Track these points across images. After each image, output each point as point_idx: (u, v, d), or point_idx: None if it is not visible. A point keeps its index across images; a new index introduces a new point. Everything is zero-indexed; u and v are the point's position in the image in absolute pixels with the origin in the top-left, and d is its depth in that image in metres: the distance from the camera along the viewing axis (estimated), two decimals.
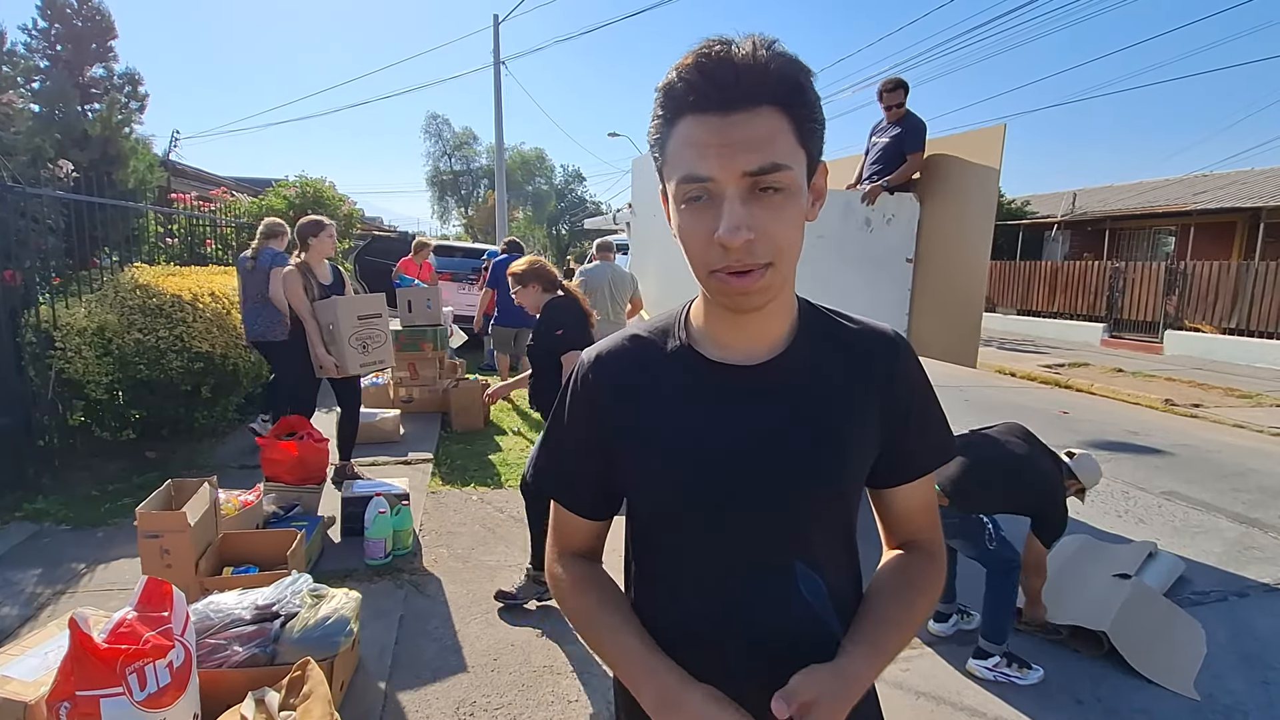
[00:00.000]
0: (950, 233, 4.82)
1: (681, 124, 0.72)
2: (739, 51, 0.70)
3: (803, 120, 0.73)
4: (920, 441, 0.90)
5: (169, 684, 1.83)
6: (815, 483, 0.83)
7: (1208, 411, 7.75)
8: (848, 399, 0.85)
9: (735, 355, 0.84)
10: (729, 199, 0.70)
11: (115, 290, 4.60)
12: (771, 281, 0.74)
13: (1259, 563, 3.86)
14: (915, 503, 0.92)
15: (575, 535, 0.96)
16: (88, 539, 3.54)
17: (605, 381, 0.88)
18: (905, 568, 0.91)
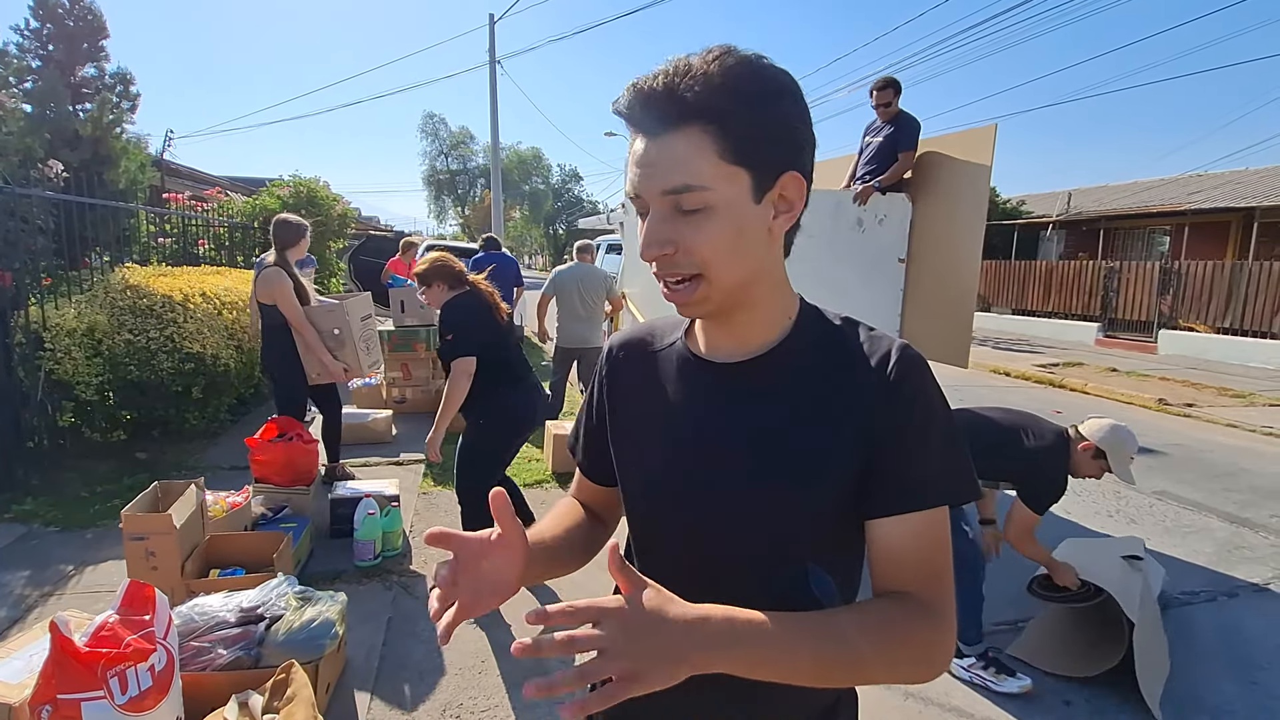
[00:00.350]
0: (942, 233, 4.82)
1: (631, 144, 0.77)
2: (670, 71, 0.72)
3: (734, 136, 0.71)
4: (906, 470, 0.77)
5: (150, 687, 1.83)
6: (769, 490, 0.79)
7: (1201, 411, 7.77)
8: (816, 409, 0.79)
9: (720, 354, 0.86)
10: (651, 215, 0.75)
11: (105, 291, 4.59)
12: (707, 293, 0.76)
13: (1249, 563, 3.87)
14: (901, 544, 0.76)
15: (580, 487, 1.05)
16: (76, 540, 3.52)
17: (612, 365, 0.96)
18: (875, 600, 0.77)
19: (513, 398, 3.18)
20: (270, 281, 4.00)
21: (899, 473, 0.77)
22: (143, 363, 4.59)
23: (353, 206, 14.62)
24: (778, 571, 0.81)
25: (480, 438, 3.20)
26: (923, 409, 0.78)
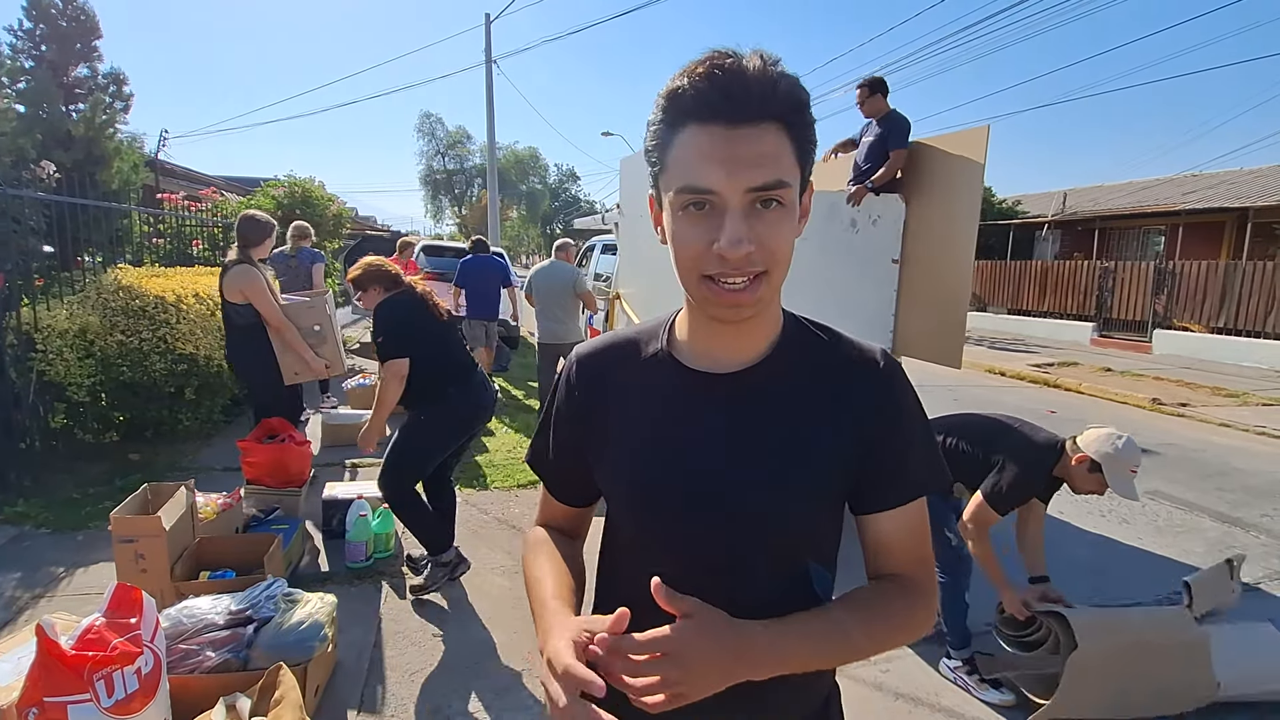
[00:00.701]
0: (935, 234, 4.83)
1: (686, 132, 0.72)
2: (750, 65, 0.71)
3: (802, 140, 0.74)
4: (898, 468, 0.85)
5: (137, 690, 1.82)
6: (770, 498, 0.82)
7: (1194, 410, 7.79)
8: (818, 413, 0.83)
9: (712, 364, 0.84)
10: (731, 212, 0.71)
11: (98, 292, 4.58)
12: (764, 293, 0.75)
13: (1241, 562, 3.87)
14: (893, 534, 0.85)
15: (550, 511, 1.01)
16: (67, 542, 3.52)
17: (584, 378, 0.92)
18: (872, 590, 0.85)
19: (455, 396, 3.15)
20: (241, 279, 3.85)
21: (893, 471, 0.85)
22: (135, 364, 4.58)
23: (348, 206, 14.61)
24: (784, 569, 0.85)
25: (416, 433, 3.15)
26: (908, 411, 0.86)
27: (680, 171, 0.72)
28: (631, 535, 0.90)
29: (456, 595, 3.23)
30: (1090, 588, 3.58)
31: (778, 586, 0.84)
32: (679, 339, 0.88)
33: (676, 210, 0.74)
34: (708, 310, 0.78)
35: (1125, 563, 3.88)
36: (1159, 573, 3.76)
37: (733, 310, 0.76)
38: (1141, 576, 3.71)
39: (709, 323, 0.82)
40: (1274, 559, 3.94)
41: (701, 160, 0.70)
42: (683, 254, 0.75)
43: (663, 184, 0.76)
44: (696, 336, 0.85)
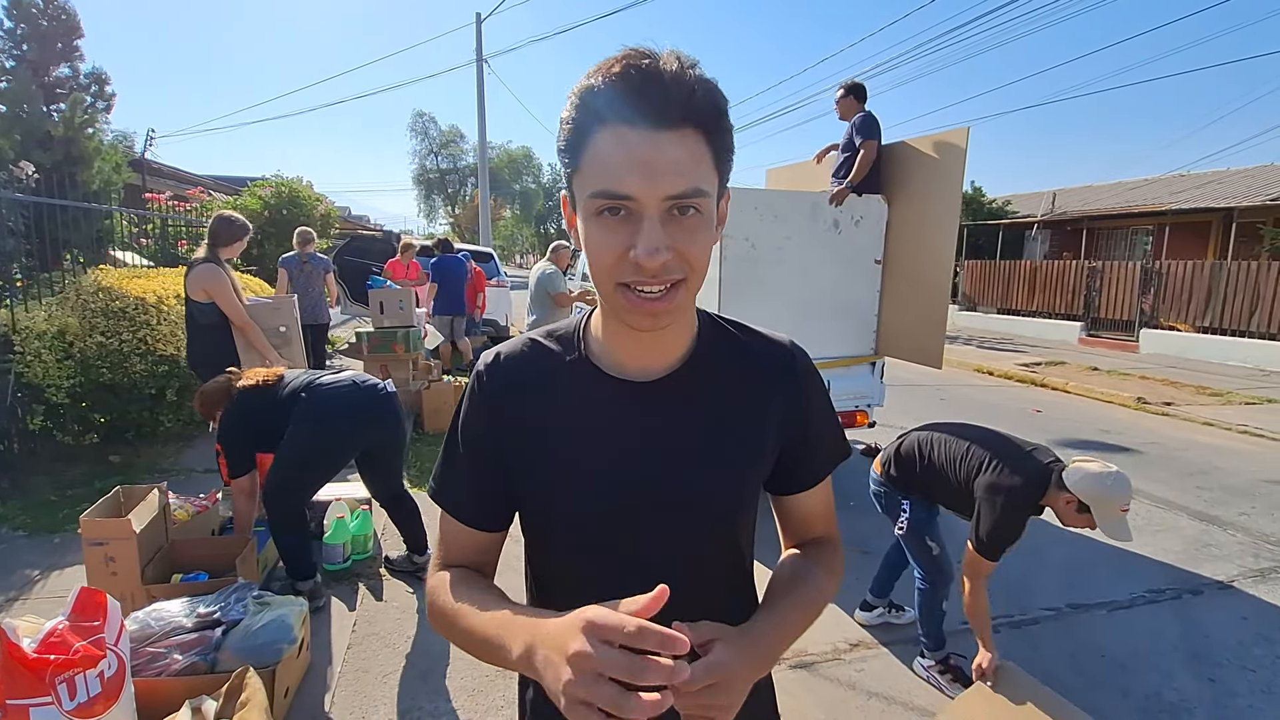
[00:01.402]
0: (916, 234, 4.86)
1: (602, 134, 0.69)
2: (667, 68, 0.68)
3: (720, 147, 0.73)
4: (819, 449, 0.93)
5: (99, 694, 1.82)
6: (708, 498, 0.84)
7: (1179, 410, 7.84)
8: (745, 410, 0.86)
9: (630, 371, 0.84)
10: (649, 219, 0.69)
11: (77, 293, 4.56)
12: (681, 301, 0.74)
13: (1215, 560, 3.91)
14: (815, 505, 0.95)
15: (460, 547, 0.89)
16: (43, 545, 3.50)
17: (498, 389, 0.86)
18: (807, 553, 0.94)
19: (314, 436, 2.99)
20: (205, 278, 3.76)
21: (813, 453, 0.92)
22: (115, 365, 4.56)
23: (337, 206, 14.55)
24: (728, 560, 0.89)
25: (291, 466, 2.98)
26: (818, 397, 0.93)
27: (596, 175, 0.69)
28: (571, 551, 0.87)
29: None
30: (1064, 585, 3.61)
31: (724, 577, 0.89)
32: (595, 345, 0.86)
33: (591, 214, 0.71)
34: (624, 319, 0.76)
35: (1101, 561, 3.90)
36: (1134, 571, 3.78)
37: (650, 319, 0.74)
38: (1116, 576, 3.73)
39: (626, 333, 0.81)
40: (1249, 557, 3.97)
41: (618, 165, 0.68)
42: (598, 261, 0.72)
43: (577, 185, 0.73)
44: (615, 343, 0.84)
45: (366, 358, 6.49)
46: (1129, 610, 3.39)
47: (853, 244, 4.98)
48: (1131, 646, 3.06)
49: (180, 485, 4.20)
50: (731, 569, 0.91)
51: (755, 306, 4.74)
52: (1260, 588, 3.61)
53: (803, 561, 0.91)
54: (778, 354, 0.90)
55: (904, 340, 5.04)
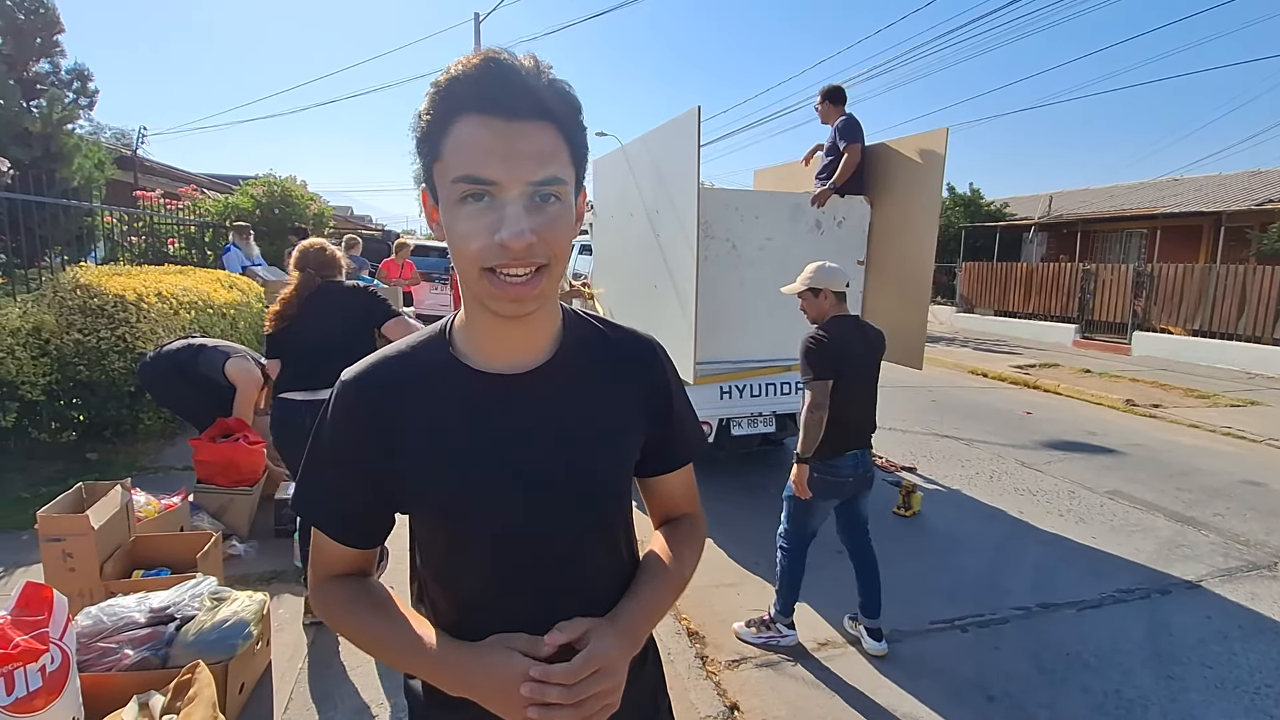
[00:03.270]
0: (897, 235, 4.86)
1: (463, 123, 0.71)
2: (523, 64, 0.73)
3: (576, 144, 0.77)
4: (680, 435, 1.00)
5: (40, 688, 1.82)
6: (594, 481, 0.88)
7: (1166, 412, 7.83)
8: (613, 400, 0.91)
9: (502, 365, 0.84)
10: (512, 203, 0.71)
11: (54, 290, 4.56)
12: (545, 286, 0.76)
13: (1186, 560, 3.91)
14: (678, 487, 1.03)
15: (337, 561, 0.91)
16: (11, 542, 3.50)
17: (360, 403, 0.84)
18: (672, 533, 1.02)
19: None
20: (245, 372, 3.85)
21: (676, 437, 0.99)
22: (93, 362, 4.56)
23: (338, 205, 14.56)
24: (608, 543, 0.93)
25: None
26: (678, 385, 1.00)
27: (458, 161, 0.72)
28: (448, 548, 0.87)
29: (401, 595, 3.22)
30: (1035, 585, 3.61)
31: (604, 560, 0.92)
32: (462, 344, 0.86)
33: (454, 200, 0.73)
34: (491, 305, 0.77)
35: (1073, 561, 3.90)
36: (1106, 572, 3.78)
37: (515, 305, 0.75)
38: (1088, 575, 3.73)
39: (493, 322, 0.81)
40: (1218, 557, 3.96)
41: (481, 151, 0.70)
42: (463, 247, 0.73)
43: (438, 173, 0.75)
44: (482, 339, 0.84)
45: None
46: (1098, 609, 3.39)
47: (835, 245, 4.97)
48: (1096, 645, 3.06)
49: (158, 483, 4.19)
50: (614, 549, 0.94)
51: (736, 307, 4.74)
52: (1225, 587, 3.62)
53: (666, 543, 1.00)
54: (640, 345, 0.97)
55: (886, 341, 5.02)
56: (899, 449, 6.08)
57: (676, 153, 4.17)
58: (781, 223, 4.80)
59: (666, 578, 0.95)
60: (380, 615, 0.87)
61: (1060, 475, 5.52)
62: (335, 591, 0.90)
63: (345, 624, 0.88)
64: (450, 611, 0.89)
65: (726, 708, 2.63)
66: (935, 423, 7.17)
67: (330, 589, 0.90)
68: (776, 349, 4.83)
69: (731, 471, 5.30)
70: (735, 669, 2.90)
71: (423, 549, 0.92)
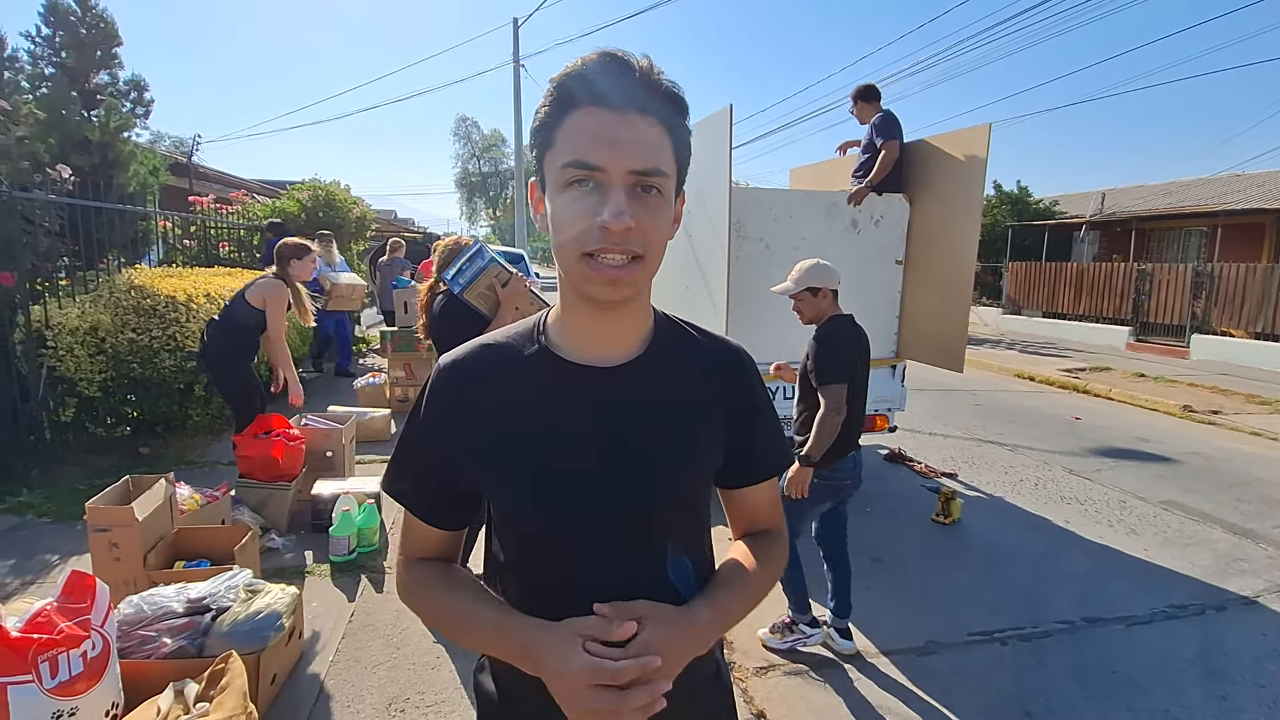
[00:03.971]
0: (937, 234, 4.73)
1: (577, 113, 0.76)
2: (638, 64, 0.77)
3: (680, 144, 0.80)
4: (764, 449, 0.99)
5: (81, 673, 1.89)
6: (669, 478, 0.88)
7: (1226, 419, 7.47)
8: (698, 402, 0.92)
9: (594, 357, 0.87)
10: (615, 188, 0.74)
11: (110, 291, 4.75)
12: (639, 276, 0.79)
13: (1243, 575, 3.71)
14: (761, 501, 1.02)
15: (425, 544, 0.95)
16: (66, 532, 3.65)
17: (453, 388, 0.89)
18: (753, 546, 1.00)
19: None
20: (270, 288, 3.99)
21: (760, 450, 0.98)
22: (145, 360, 4.74)
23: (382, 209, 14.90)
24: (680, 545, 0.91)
25: None
26: (764, 398, 0.99)
27: (568, 148, 0.75)
28: (525, 532, 0.90)
29: None
30: (1082, 598, 3.47)
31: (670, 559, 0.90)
32: (555, 336, 0.89)
33: (561, 187, 0.77)
34: (587, 289, 0.80)
35: (1122, 574, 3.74)
36: (1158, 586, 3.61)
37: (611, 287, 0.78)
38: (1138, 590, 3.57)
39: (588, 314, 0.85)
40: (1277, 571, 3.75)
41: (588, 138, 0.74)
42: (565, 230, 0.77)
43: (548, 162, 0.78)
44: (576, 330, 0.87)
45: (391, 356, 6.62)
46: (1148, 625, 3.24)
47: (873, 244, 4.87)
48: (1145, 662, 2.93)
49: (203, 477, 4.33)
50: (689, 551, 0.93)
51: (769, 307, 4.68)
52: None
53: (747, 553, 0.98)
54: (729, 352, 0.97)
55: (925, 344, 4.91)
56: (939, 454, 5.93)
57: (709, 152, 4.13)
58: (816, 222, 4.72)
59: (743, 585, 0.93)
60: (456, 594, 0.90)
61: (1110, 484, 5.30)
62: (417, 574, 0.94)
63: (424, 604, 0.92)
64: (518, 600, 0.89)
65: (754, 715, 2.60)
66: (978, 428, 6.97)
67: (413, 571, 0.94)
68: None
69: None
70: (763, 676, 2.85)
71: (497, 533, 0.94)
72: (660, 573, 0.87)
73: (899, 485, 5.19)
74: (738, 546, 1.00)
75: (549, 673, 0.77)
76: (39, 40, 5.93)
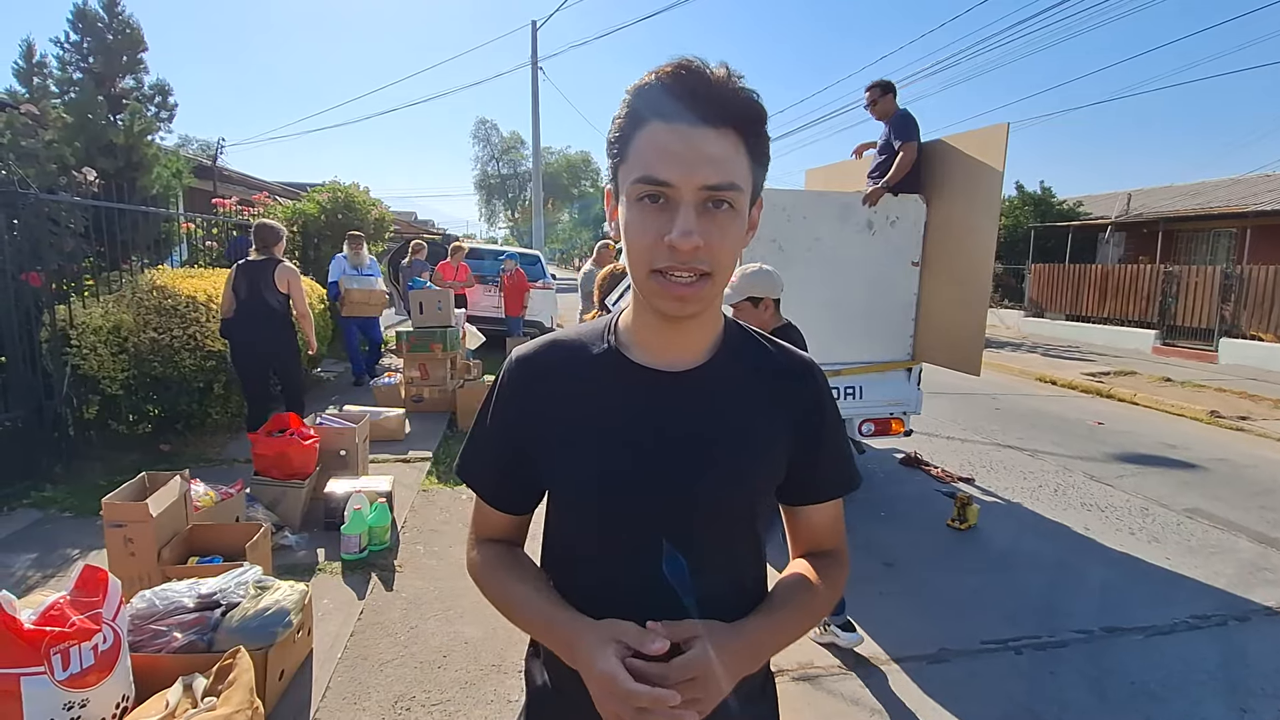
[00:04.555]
0: (954, 235, 4.67)
1: (649, 128, 0.75)
2: (714, 73, 0.75)
3: (757, 152, 0.79)
4: (830, 467, 0.96)
5: (93, 665, 1.92)
6: (731, 489, 0.87)
7: (1254, 424, 7.30)
8: (763, 413, 0.90)
9: (661, 361, 0.88)
10: (685, 205, 0.74)
11: (133, 291, 4.84)
12: (707, 293, 0.79)
13: (1268, 585, 3.62)
14: (823, 521, 0.99)
15: (492, 526, 0.99)
16: (87, 527, 3.72)
17: (527, 379, 0.91)
18: (813, 564, 0.97)
19: None
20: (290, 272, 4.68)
21: (829, 470, 0.96)
22: (166, 359, 4.82)
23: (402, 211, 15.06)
24: (732, 553, 0.91)
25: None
26: (833, 415, 0.96)
27: (640, 163, 0.75)
28: (581, 528, 0.91)
29: (442, 589, 3.29)
30: (1100, 608, 3.40)
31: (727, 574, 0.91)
32: (625, 338, 0.90)
33: (632, 201, 0.77)
34: (655, 303, 0.81)
35: (1143, 583, 3.66)
36: (1179, 596, 3.53)
37: (678, 304, 0.78)
38: (1158, 600, 3.49)
39: (657, 321, 0.85)
40: None
41: (661, 154, 0.74)
42: (635, 245, 0.78)
43: (622, 175, 0.79)
44: (645, 335, 0.88)
45: (406, 356, 6.68)
46: (1168, 636, 3.16)
47: (888, 245, 4.82)
48: (1164, 674, 2.86)
49: (221, 475, 4.39)
50: (740, 566, 0.93)
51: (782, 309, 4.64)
52: None
53: (807, 571, 0.95)
54: (799, 364, 0.95)
55: (941, 346, 4.84)
56: (956, 459, 5.86)
57: None
58: (830, 223, 4.68)
59: (801, 605, 0.91)
60: (516, 579, 0.92)
61: (1132, 490, 5.20)
62: (484, 553, 0.97)
63: (486, 584, 0.94)
64: (567, 592, 0.90)
65: None
66: (997, 432, 6.87)
67: (480, 551, 0.97)
68: (824, 353, 4.69)
69: None
70: None
71: (552, 528, 0.96)
72: (711, 587, 0.86)
73: (915, 490, 5.13)
74: (798, 564, 0.98)
75: (582, 668, 0.77)
76: (67, 46, 6.08)
